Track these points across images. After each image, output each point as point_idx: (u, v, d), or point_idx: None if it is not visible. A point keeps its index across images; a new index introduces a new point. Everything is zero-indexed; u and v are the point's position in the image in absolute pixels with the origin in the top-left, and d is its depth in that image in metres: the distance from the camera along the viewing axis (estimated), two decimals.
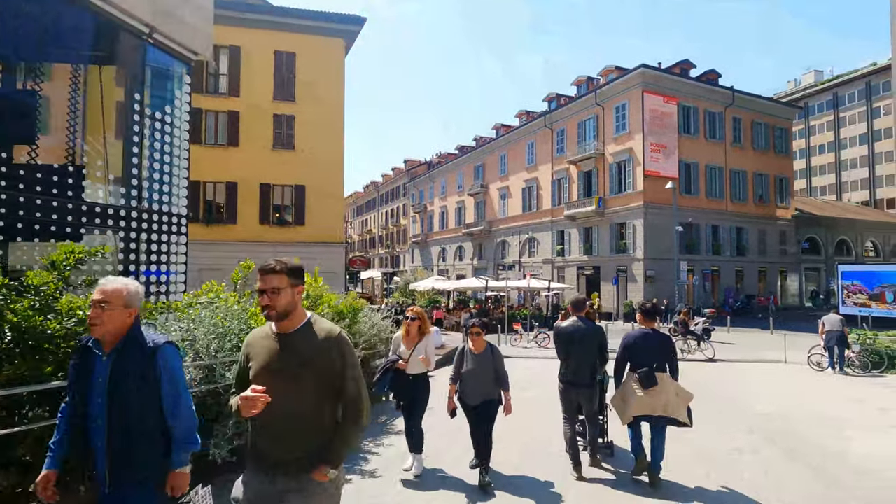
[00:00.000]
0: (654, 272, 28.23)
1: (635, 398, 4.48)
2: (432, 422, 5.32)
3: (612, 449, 5.35)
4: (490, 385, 4.57)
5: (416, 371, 4.78)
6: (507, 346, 17.09)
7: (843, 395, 8.57)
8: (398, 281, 38.38)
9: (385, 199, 74.57)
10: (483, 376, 4.54)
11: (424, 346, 4.81)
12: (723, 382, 10.00)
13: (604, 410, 5.34)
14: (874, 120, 58.23)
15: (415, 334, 4.86)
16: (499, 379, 4.60)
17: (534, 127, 38.34)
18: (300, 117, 20.65)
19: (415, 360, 4.75)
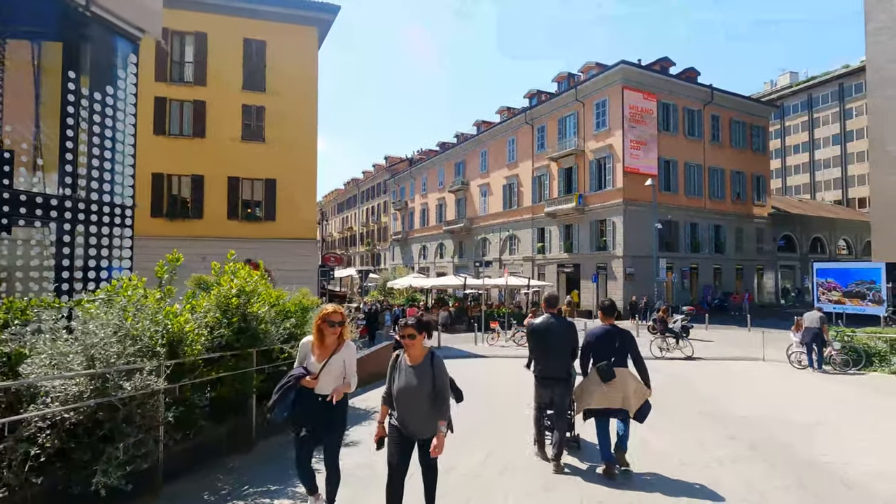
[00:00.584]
0: (634, 270, 28.13)
1: (595, 391, 4.63)
2: (356, 460, 4.59)
3: (578, 442, 5.47)
4: (432, 406, 3.39)
5: (328, 390, 3.66)
6: (484, 345, 16.65)
7: (824, 396, 8.30)
8: (377, 278, 37.71)
9: (366, 196, 73.62)
10: (421, 397, 3.36)
11: (342, 359, 3.71)
12: (702, 382, 9.68)
13: (571, 405, 5.34)
14: (847, 121, 59.48)
15: (332, 343, 3.71)
16: (437, 399, 3.37)
17: (514, 123, 37.99)
18: (271, 108, 19.85)
19: (329, 375, 3.65)
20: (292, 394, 3.54)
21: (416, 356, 3.53)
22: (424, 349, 3.55)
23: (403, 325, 3.47)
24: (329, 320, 3.64)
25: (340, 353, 3.70)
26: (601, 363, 4.63)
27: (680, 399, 7.99)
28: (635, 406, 4.64)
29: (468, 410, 7.07)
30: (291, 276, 19.69)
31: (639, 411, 4.70)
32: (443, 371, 3.50)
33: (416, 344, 3.49)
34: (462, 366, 12.01)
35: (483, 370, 11.39)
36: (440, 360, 3.54)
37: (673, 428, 6.22)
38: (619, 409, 4.62)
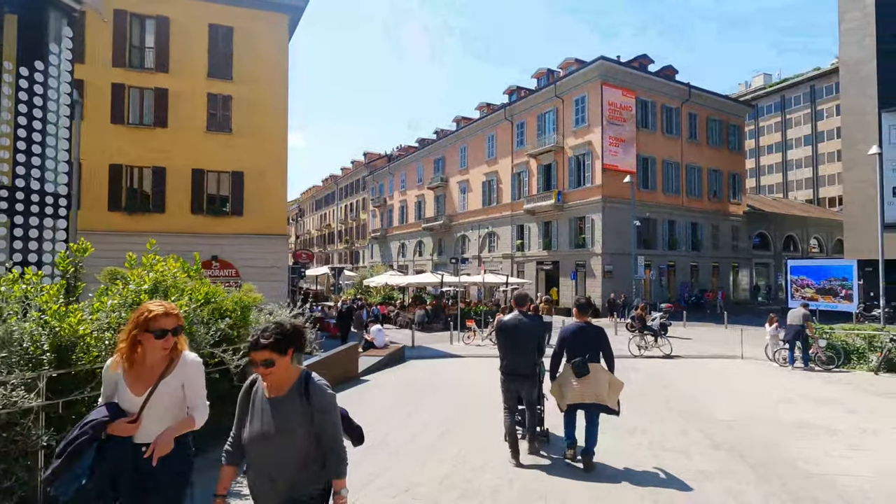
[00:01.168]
0: (613, 267, 28.01)
1: (570, 387, 4.70)
2: None
3: (548, 436, 5.54)
4: (309, 464, 2.13)
5: (151, 438, 2.29)
6: (460, 345, 16.14)
7: (808, 396, 8.00)
8: (353, 276, 36.89)
9: (344, 193, 72.47)
10: (286, 448, 2.11)
11: (179, 383, 2.37)
12: (682, 383, 9.33)
13: (541, 400, 5.45)
14: (818, 122, 60.83)
15: (159, 362, 2.34)
16: (319, 449, 2.14)
17: (494, 119, 37.59)
18: (238, 98, 18.95)
19: (156, 413, 2.31)
20: (89, 452, 2.16)
21: (279, 384, 2.16)
22: (293, 372, 2.19)
23: (253, 343, 2.09)
24: (154, 328, 2.25)
25: (175, 376, 2.34)
26: (576, 359, 4.71)
27: (659, 400, 7.60)
28: (613, 399, 4.74)
29: (438, 413, 6.56)
30: (261, 274, 18.89)
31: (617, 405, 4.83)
32: (327, 403, 2.18)
33: (277, 371, 2.09)
34: (435, 366, 11.48)
35: (456, 370, 10.88)
36: (320, 388, 2.18)
37: (653, 430, 5.78)
38: (592, 403, 4.70)
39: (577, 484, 4.32)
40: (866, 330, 10.97)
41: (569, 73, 30.78)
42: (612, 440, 5.34)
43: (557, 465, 4.81)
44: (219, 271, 18.37)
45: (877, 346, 10.60)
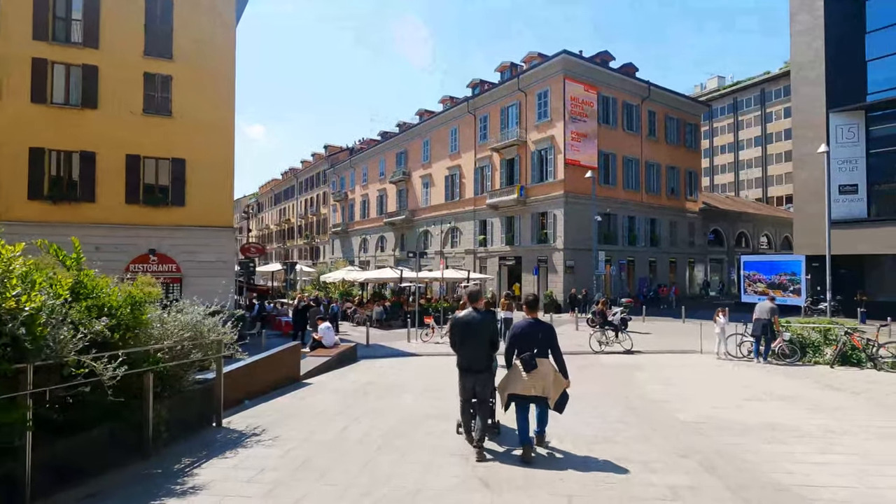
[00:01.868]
0: (574, 262, 27.97)
1: (518, 380, 4.83)
2: None
3: (498, 428, 5.65)
4: None
5: None
6: (417, 343, 15.44)
7: (771, 392, 7.74)
8: (311, 272, 35.56)
9: (304, 187, 70.31)
10: None
11: None
12: (644, 381, 8.95)
13: (493, 393, 5.46)
14: (767, 124, 63.36)
15: None
16: None
17: (457, 112, 36.98)
18: (179, 79, 17.53)
19: None
20: None
21: None
22: None
23: None
24: None
25: None
26: (524, 354, 4.82)
27: (621, 399, 7.15)
28: (555, 395, 4.86)
29: (380, 422, 5.85)
30: (205, 269, 17.59)
31: (558, 402, 4.92)
32: None
33: None
34: (388, 366, 10.73)
35: (410, 370, 10.18)
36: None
37: (616, 437, 5.27)
38: (539, 396, 4.83)
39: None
40: (822, 323, 10.96)
41: (532, 67, 30.49)
42: (573, 451, 4.78)
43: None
44: (157, 266, 16.99)
45: (832, 339, 10.60)
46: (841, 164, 23.48)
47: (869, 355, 9.79)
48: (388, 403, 6.85)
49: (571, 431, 5.52)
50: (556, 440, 5.16)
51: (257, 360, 7.28)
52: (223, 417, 5.61)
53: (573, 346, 14.11)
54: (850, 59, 23.52)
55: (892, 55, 22.59)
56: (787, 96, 61.66)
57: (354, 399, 7.12)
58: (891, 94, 22.41)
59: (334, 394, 7.44)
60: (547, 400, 4.82)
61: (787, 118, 61.08)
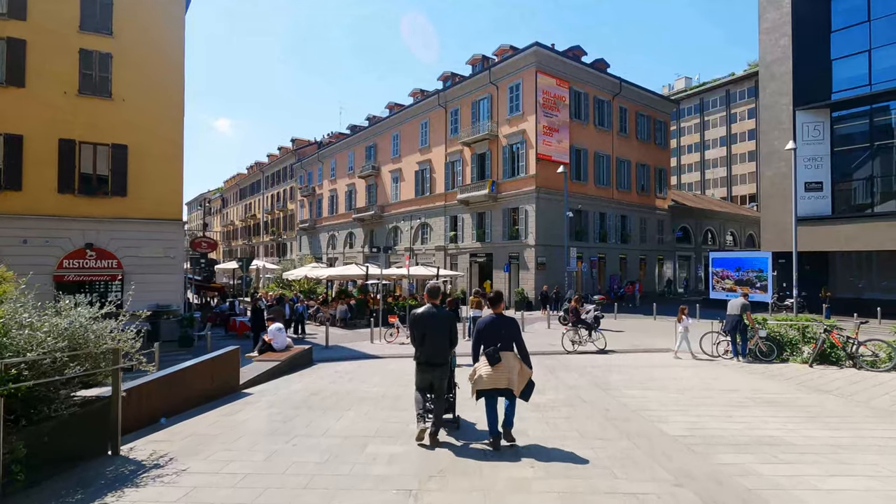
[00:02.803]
0: (546, 259, 27.49)
1: (485, 374, 4.91)
2: None
3: (458, 422, 5.67)
4: None
5: None
6: (381, 343, 14.49)
7: (757, 397, 7.17)
8: (275, 269, 34.00)
9: (271, 182, 68.04)
10: None
11: None
12: (621, 384, 8.29)
13: (452, 388, 5.55)
14: (732, 124, 64.74)
15: None
16: None
17: (427, 106, 36.02)
18: (121, 57, 16.03)
19: None
20: None
21: None
22: None
23: None
24: None
25: None
26: (489, 348, 4.94)
27: (599, 409, 6.43)
28: (520, 386, 4.98)
29: (320, 444, 4.94)
30: (150, 265, 16.15)
31: (524, 391, 5.04)
32: None
33: None
34: (345, 371, 9.76)
35: (369, 375, 9.24)
36: None
37: (597, 460, 4.51)
38: (505, 388, 4.94)
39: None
40: (800, 321, 10.59)
41: (504, 60, 29.80)
42: (543, 485, 3.97)
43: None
44: (95, 262, 15.51)
45: (811, 337, 10.22)
46: (807, 162, 23.68)
47: (849, 353, 9.41)
48: (333, 419, 5.92)
49: (543, 452, 4.74)
50: (527, 466, 4.35)
51: (182, 369, 6.21)
52: (125, 443, 4.59)
53: (545, 346, 13.45)
54: (816, 58, 23.72)
55: (855, 55, 22.85)
56: (750, 98, 63.21)
57: (295, 413, 6.15)
58: (854, 93, 22.68)
59: (272, 408, 6.44)
60: (510, 394, 4.97)
61: (750, 119, 62.62)
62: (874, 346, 9.34)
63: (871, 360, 9.23)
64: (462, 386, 5.82)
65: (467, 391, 5.28)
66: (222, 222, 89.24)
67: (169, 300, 16.28)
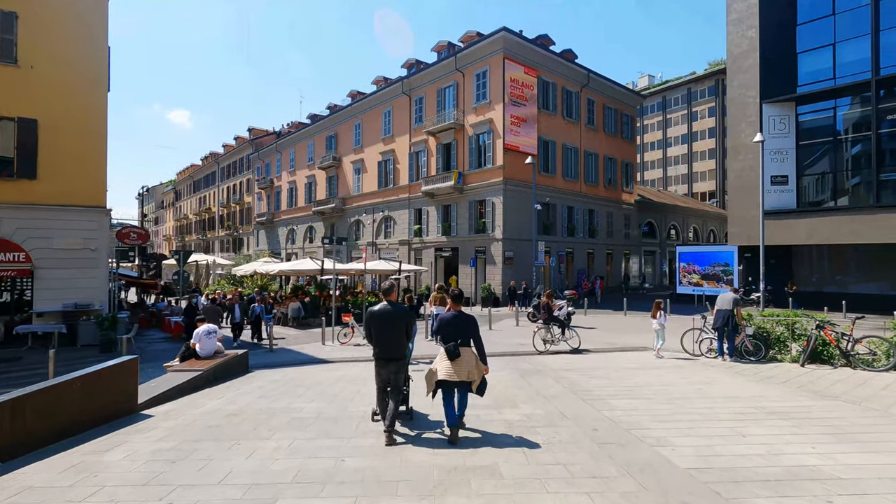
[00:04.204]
0: (513, 253, 26.49)
1: (443, 368, 5.15)
2: None
3: (411, 414, 5.92)
4: None
5: None
6: (334, 345, 13.01)
7: (763, 407, 6.17)
8: (226, 264, 31.70)
9: (226, 174, 64.65)
10: None
11: None
12: (604, 390, 7.18)
13: (406, 381, 5.70)
14: (693, 123, 65.83)
15: None
16: None
17: (391, 94, 34.38)
18: (28, 17, 13.81)
19: None
20: None
21: None
22: None
23: None
24: None
25: None
26: (449, 344, 5.16)
27: (585, 428, 5.26)
28: (477, 380, 5.18)
29: (216, 497, 3.53)
30: (64, 259, 14.06)
31: (479, 386, 5.22)
32: None
33: None
34: (285, 380, 8.27)
35: (312, 385, 7.79)
36: None
37: None
38: (463, 381, 5.12)
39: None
40: (789, 316, 9.80)
41: (471, 45, 28.54)
42: None
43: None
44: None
45: (800, 334, 9.44)
46: (773, 156, 23.52)
47: (843, 352, 8.64)
48: (243, 454, 4.47)
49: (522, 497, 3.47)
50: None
51: (48, 387, 4.61)
52: None
53: (514, 346, 12.30)
54: (782, 50, 23.58)
55: (820, 48, 22.80)
56: (711, 96, 64.46)
57: (194, 447, 4.66)
58: (819, 87, 22.62)
59: (166, 438, 4.91)
60: (469, 385, 5.15)
61: (711, 117, 63.86)
62: (870, 343, 8.60)
63: (867, 359, 8.47)
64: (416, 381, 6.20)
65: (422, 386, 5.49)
66: (175, 216, 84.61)
67: (90, 298, 14.24)
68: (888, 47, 20.89)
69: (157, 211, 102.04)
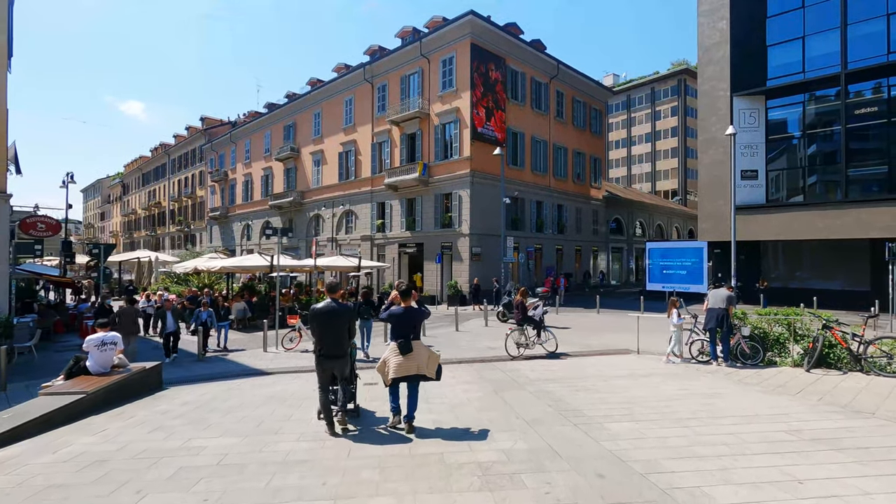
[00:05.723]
0: (481, 249, 25.20)
1: (396, 363, 5.26)
2: None
3: (358, 411, 5.94)
4: None
5: None
6: (278, 352, 11.28)
7: (794, 428, 5.00)
8: (170, 261, 29.01)
9: (177, 166, 60.82)
10: None
11: None
12: (595, 408, 5.90)
13: (353, 379, 5.93)
14: (656, 122, 66.49)
15: None
16: None
17: (352, 81, 32.47)
18: None
19: None
20: None
21: None
22: None
23: None
24: None
25: None
26: (400, 340, 5.28)
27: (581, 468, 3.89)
28: (431, 370, 5.34)
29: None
30: None
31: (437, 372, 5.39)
32: None
33: None
34: (195, 404, 6.58)
35: (228, 410, 6.15)
36: None
37: None
38: (415, 374, 5.27)
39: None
40: (788, 314, 8.79)
41: (437, 30, 27.03)
42: None
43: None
44: None
45: (802, 334, 8.44)
46: (743, 150, 23.11)
47: (855, 355, 7.66)
48: None
49: None
50: None
51: None
52: None
53: (484, 351, 10.93)
54: (753, 43, 23.18)
55: (790, 41, 22.50)
56: (674, 96, 65.25)
57: None
58: (788, 80, 22.33)
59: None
60: (419, 377, 5.29)
61: (673, 116, 64.66)
62: (882, 344, 7.65)
63: (880, 363, 7.51)
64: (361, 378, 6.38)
65: None
66: (123, 211, 79.41)
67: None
68: (856, 41, 20.71)
69: (103, 206, 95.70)
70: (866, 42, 20.51)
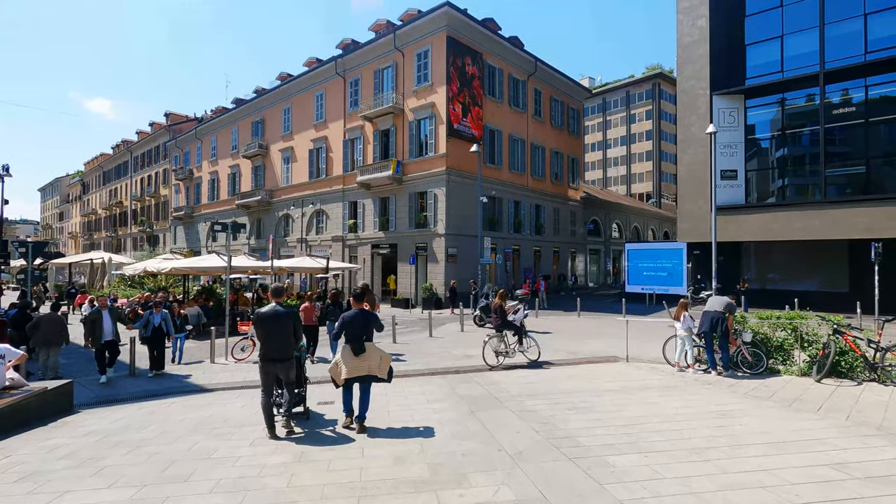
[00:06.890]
0: (457, 250, 24.18)
1: (349, 364, 5.42)
2: None
3: (307, 414, 6.03)
4: None
5: None
6: (227, 362, 9.99)
7: (837, 461, 4.11)
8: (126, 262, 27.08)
9: (140, 163, 58.01)
10: None
11: None
12: (593, 438, 4.91)
13: (303, 382, 6.10)
14: (631, 125, 66.87)
15: None
16: None
17: (324, 75, 31.08)
18: None
19: None
20: None
21: None
22: None
23: None
24: None
25: None
26: (353, 342, 5.43)
27: None
28: (383, 371, 5.53)
29: None
30: None
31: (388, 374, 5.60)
32: None
33: None
34: (106, 432, 5.32)
35: (137, 444, 4.96)
36: None
37: None
38: (367, 375, 5.45)
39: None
40: (793, 318, 8.01)
41: (411, 22, 25.95)
42: None
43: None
44: None
45: (809, 340, 7.66)
46: (722, 150, 22.75)
47: (870, 363, 6.90)
48: None
49: None
50: None
51: None
52: None
53: (460, 359, 9.87)
54: (732, 41, 22.90)
55: (768, 40, 22.28)
56: (648, 99, 65.71)
57: None
58: (766, 80, 22.08)
59: None
60: (371, 378, 5.45)
61: (648, 119, 65.12)
62: None
63: None
64: None
65: None
66: (83, 211, 75.60)
67: None
68: (834, 40, 20.55)
69: (61, 205, 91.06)
70: (844, 42, 20.37)
